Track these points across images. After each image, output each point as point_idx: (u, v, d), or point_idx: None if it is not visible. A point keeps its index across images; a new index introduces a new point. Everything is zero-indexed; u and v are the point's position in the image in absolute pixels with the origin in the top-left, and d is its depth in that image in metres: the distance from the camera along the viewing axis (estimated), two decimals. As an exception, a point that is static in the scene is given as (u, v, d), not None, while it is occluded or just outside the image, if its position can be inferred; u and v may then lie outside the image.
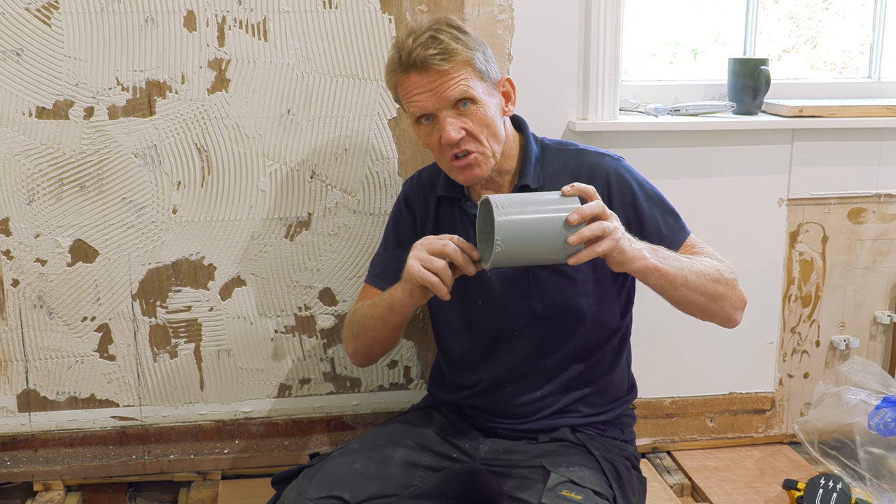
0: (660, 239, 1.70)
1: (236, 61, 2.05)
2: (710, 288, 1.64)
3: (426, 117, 1.66)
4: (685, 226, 1.76)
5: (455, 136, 1.62)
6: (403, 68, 1.63)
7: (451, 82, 1.62)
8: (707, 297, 1.65)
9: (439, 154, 1.69)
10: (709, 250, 1.75)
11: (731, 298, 1.69)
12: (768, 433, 2.50)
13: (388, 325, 1.73)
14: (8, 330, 2.12)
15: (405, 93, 1.66)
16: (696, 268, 1.63)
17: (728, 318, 1.72)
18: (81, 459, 2.20)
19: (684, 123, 2.28)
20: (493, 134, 1.67)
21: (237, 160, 2.11)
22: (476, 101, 1.64)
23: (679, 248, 1.72)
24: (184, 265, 2.14)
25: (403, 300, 1.63)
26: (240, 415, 2.24)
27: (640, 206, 1.73)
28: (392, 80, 1.68)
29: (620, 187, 1.73)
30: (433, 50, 1.60)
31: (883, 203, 2.41)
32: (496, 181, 1.76)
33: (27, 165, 2.04)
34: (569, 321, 1.74)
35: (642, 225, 1.72)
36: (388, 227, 1.92)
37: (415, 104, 1.64)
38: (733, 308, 1.71)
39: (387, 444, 1.76)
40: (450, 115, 1.63)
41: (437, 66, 1.60)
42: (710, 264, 1.67)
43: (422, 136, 1.69)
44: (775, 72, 2.38)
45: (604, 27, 2.18)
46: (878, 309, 2.48)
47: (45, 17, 1.98)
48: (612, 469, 1.72)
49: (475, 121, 1.64)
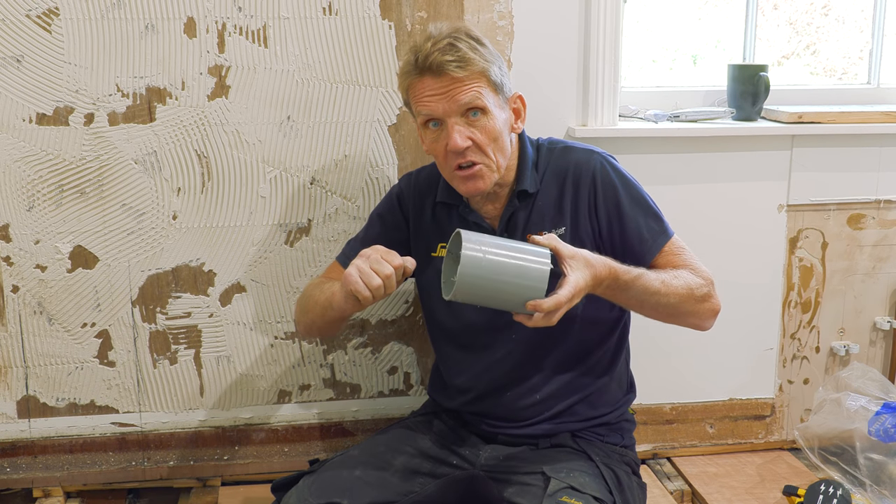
0: (640, 242, 1.71)
1: (236, 68, 2.06)
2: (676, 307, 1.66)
3: (434, 122, 1.66)
4: (668, 228, 1.75)
5: (461, 143, 1.62)
6: (419, 71, 1.64)
7: (465, 88, 1.62)
8: (667, 314, 1.69)
9: (443, 162, 1.69)
10: (688, 258, 1.73)
11: (700, 312, 1.71)
12: (768, 439, 2.50)
13: (326, 318, 1.77)
14: (8, 336, 2.12)
15: (417, 95, 1.66)
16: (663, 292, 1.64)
17: (695, 326, 1.74)
18: (81, 466, 2.19)
19: (684, 129, 2.28)
20: (499, 148, 1.67)
21: (237, 166, 2.11)
22: (486, 111, 1.64)
23: (658, 252, 1.71)
24: (184, 271, 2.14)
25: (340, 303, 1.66)
26: (240, 421, 2.24)
27: (622, 207, 1.72)
28: (405, 82, 1.68)
29: (605, 186, 1.73)
30: (450, 56, 1.61)
31: (882, 209, 2.41)
32: (496, 192, 1.76)
33: (27, 172, 2.04)
34: (565, 321, 1.73)
35: (623, 226, 1.72)
36: (373, 215, 1.91)
37: (425, 106, 1.64)
38: (701, 319, 1.72)
39: (387, 450, 1.76)
40: (458, 123, 1.63)
41: (452, 71, 1.61)
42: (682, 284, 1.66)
43: (427, 141, 1.69)
44: (775, 78, 2.39)
45: (603, 33, 2.18)
46: (877, 315, 2.48)
47: (46, 24, 1.99)
48: (612, 475, 1.72)
49: (483, 132, 1.64)
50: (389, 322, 2.24)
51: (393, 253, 1.59)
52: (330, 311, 1.72)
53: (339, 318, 1.75)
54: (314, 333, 1.93)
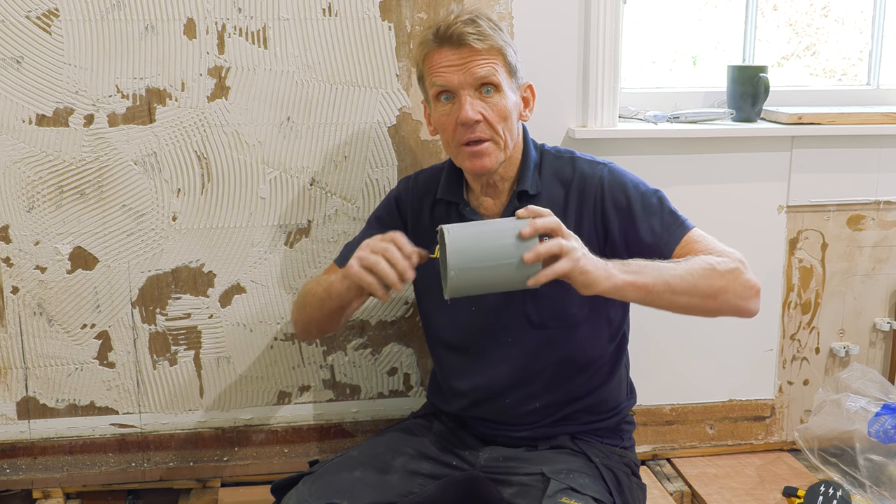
0: (656, 239, 1.67)
1: (236, 69, 2.06)
2: (701, 286, 1.54)
3: (446, 96, 1.67)
4: (685, 221, 1.69)
5: (472, 115, 1.63)
6: (438, 41, 1.65)
7: (482, 62, 1.64)
8: (701, 296, 1.55)
9: (451, 136, 1.68)
10: (711, 244, 1.65)
11: (735, 289, 1.57)
12: (768, 440, 2.50)
13: (325, 309, 1.74)
14: (7, 337, 2.12)
15: (432, 66, 1.67)
16: (679, 270, 1.54)
17: (738, 309, 1.60)
18: (81, 467, 2.19)
19: (683, 131, 2.28)
20: (508, 128, 1.68)
21: (237, 167, 2.11)
22: (500, 89, 1.65)
23: (677, 245, 1.66)
24: (183, 272, 2.14)
25: (341, 291, 1.64)
26: (239, 422, 2.24)
27: (634, 209, 1.70)
28: (422, 52, 1.69)
29: (614, 191, 1.71)
30: (471, 28, 1.63)
31: (882, 210, 2.41)
32: (497, 186, 1.75)
33: (27, 173, 2.04)
34: (563, 328, 1.73)
35: (637, 228, 1.69)
36: (371, 218, 1.91)
37: (440, 76, 1.65)
38: (740, 298, 1.58)
39: (386, 451, 1.76)
40: (471, 96, 1.64)
41: (472, 43, 1.63)
42: (699, 261, 1.57)
43: (437, 115, 1.69)
44: (774, 79, 2.39)
45: (603, 34, 2.18)
46: (877, 316, 2.48)
47: (46, 25, 1.99)
48: (611, 476, 1.71)
49: (495, 109, 1.65)
50: (389, 323, 2.24)
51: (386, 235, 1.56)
52: (328, 301, 1.70)
53: (337, 309, 1.72)
54: (312, 329, 1.86)
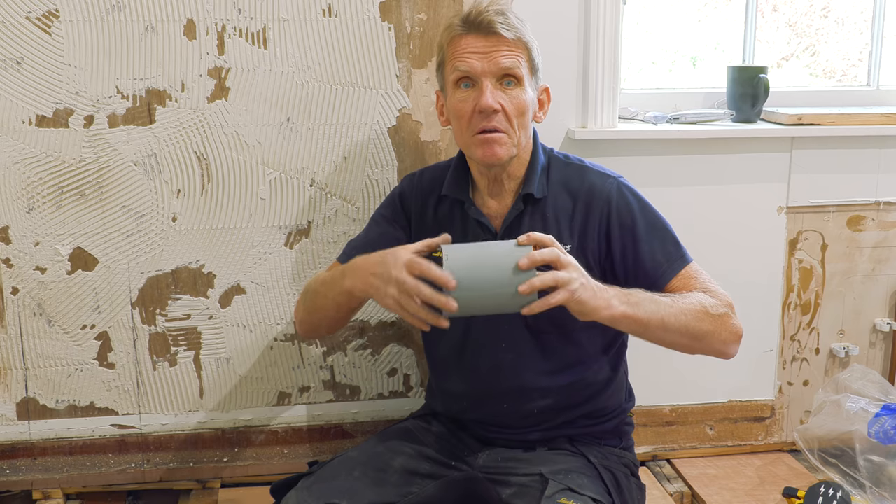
0: (655, 265, 1.68)
1: (236, 70, 2.06)
2: (692, 327, 1.58)
3: (466, 83, 1.66)
4: (686, 254, 1.70)
5: (492, 103, 1.63)
6: (466, 27, 1.66)
7: (508, 53, 1.65)
8: (690, 337, 1.60)
9: (466, 124, 1.67)
10: (706, 281, 1.68)
11: (720, 333, 1.62)
12: (768, 441, 2.50)
13: (342, 308, 1.72)
14: (7, 338, 2.12)
15: (456, 51, 1.66)
16: (674, 309, 1.57)
17: (718, 353, 1.66)
18: (81, 468, 2.19)
19: (683, 131, 2.28)
20: (523, 125, 1.68)
21: (237, 168, 2.11)
22: (521, 83, 1.66)
23: (674, 277, 1.67)
24: (183, 273, 2.14)
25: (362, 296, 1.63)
26: (239, 423, 2.24)
27: (638, 230, 1.69)
28: (447, 37, 1.69)
29: (620, 209, 1.71)
30: (501, 18, 1.64)
31: (882, 211, 2.41)
32: (503, 185, 1.74)
33: (27, 174, 2.04)
34: (561, 334, 1.73)
35: (637, 249, 1.69)
36: (375, 216, 1.89)
37: (464, 62, 1.65)
38: (723, 343, 1.64)
39: (385, 451, 1.76)
40: (493, 84, 1.65)
41: (501, 31, 1.64)
42: (694, 303, 1.60)
43: (454, 102, 1.68)
44: (774, 80, 2.39)
45: (603, 35, 2.18)
46: (877, 317, 2.48)
47: (46, 26, 1.99)
48: (610, 476, 1.71)
49: (513, 103, 1.65)
50: (389, 324, 2.24)
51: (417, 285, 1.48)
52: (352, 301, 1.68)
53: (357, 308, 1.73)
54: (321, 329, 1.83)
